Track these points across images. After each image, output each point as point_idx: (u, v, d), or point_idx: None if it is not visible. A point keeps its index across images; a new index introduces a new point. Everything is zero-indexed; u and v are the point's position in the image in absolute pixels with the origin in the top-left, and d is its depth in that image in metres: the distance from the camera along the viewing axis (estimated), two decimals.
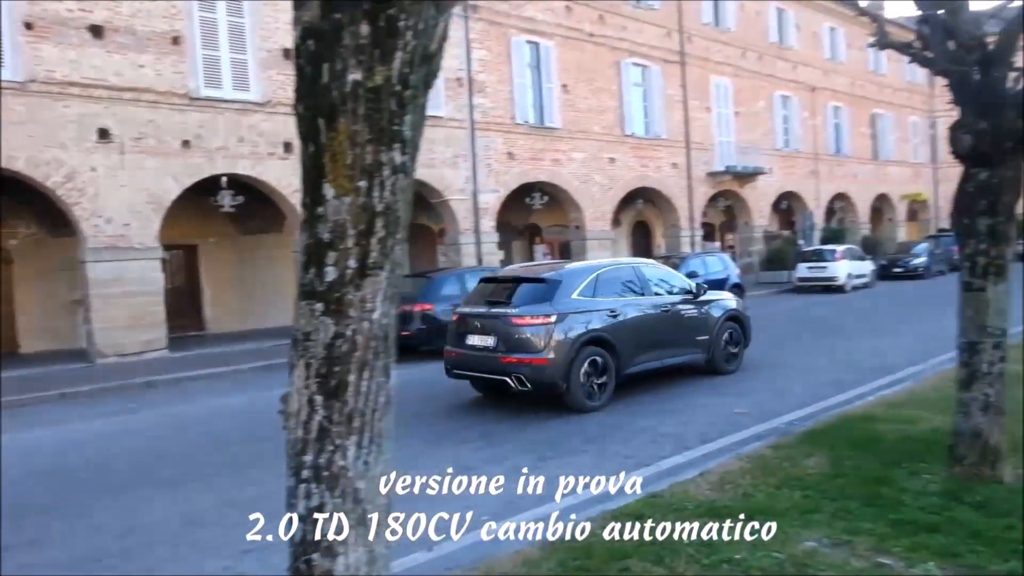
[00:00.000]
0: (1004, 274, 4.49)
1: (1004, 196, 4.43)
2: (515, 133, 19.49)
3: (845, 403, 7.68)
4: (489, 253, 18.90)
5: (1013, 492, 4.43)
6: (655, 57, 23.38)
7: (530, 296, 8.41)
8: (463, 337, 8.64)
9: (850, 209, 32.84)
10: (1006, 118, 4.34)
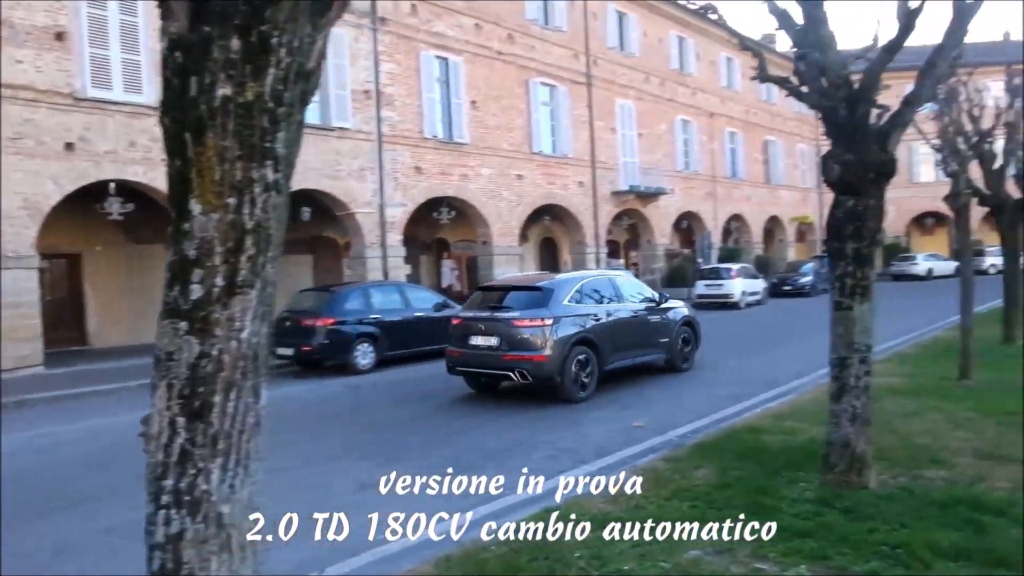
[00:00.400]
0: (869, 294, 4.84)
1: (868, 222, 4.79)
2: (423, 147, 19.45)
3: (736, 415, 8.04)
4: (396, 267, 18.71)
5: (877, 497, 4.76)
6: (563, 78, 23.94)
7: (527, 302, 9.58)
8: (466, 338, 9.70)
9: (745, 230, 34.54)
10: (870, 151, 4.71)
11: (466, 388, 11.25)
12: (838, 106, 4.76)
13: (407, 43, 19.07)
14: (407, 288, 15.37)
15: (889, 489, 4.93)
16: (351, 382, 12.08)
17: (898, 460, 5.50)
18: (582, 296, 9.86)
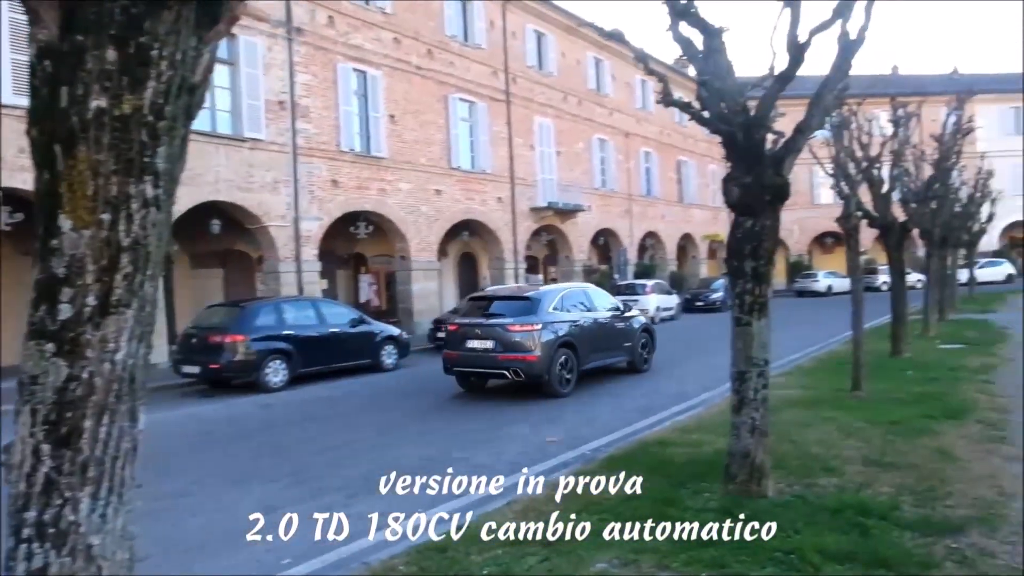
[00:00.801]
0: (766, 311, 5.08)
1: (765, 242, 5.04)
2: (340, 160, 19.15)
3: (646, 428, 8.24)
4: (311, 282, 18.28)
5: (774, 505, 4.97)
6: (482, 94, 24.12)
7: (518, 310, 10.90)
8: (463, 342, 10.92)
9: (660, 246, 35.60)
10: (765, 174, 4.96)
11: (382, 404, 11.12)
12: (736, 131, 5.00)
13: (324, 55, 18.78)
14: (322, 303, 15.05)
15: (785, 497, 5.16)
16: (262, 401, 11.71)
17: (794, 469, 5.76)
18: (563, 305, 11.32)
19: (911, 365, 11.14)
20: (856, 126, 10.89)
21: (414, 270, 21.46)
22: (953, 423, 7.20)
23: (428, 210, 21.88)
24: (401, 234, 21.11)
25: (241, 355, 12.38)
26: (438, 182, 22.26)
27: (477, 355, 10.81)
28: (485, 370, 10.97)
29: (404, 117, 21.13)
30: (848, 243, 9.52)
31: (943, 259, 20.29)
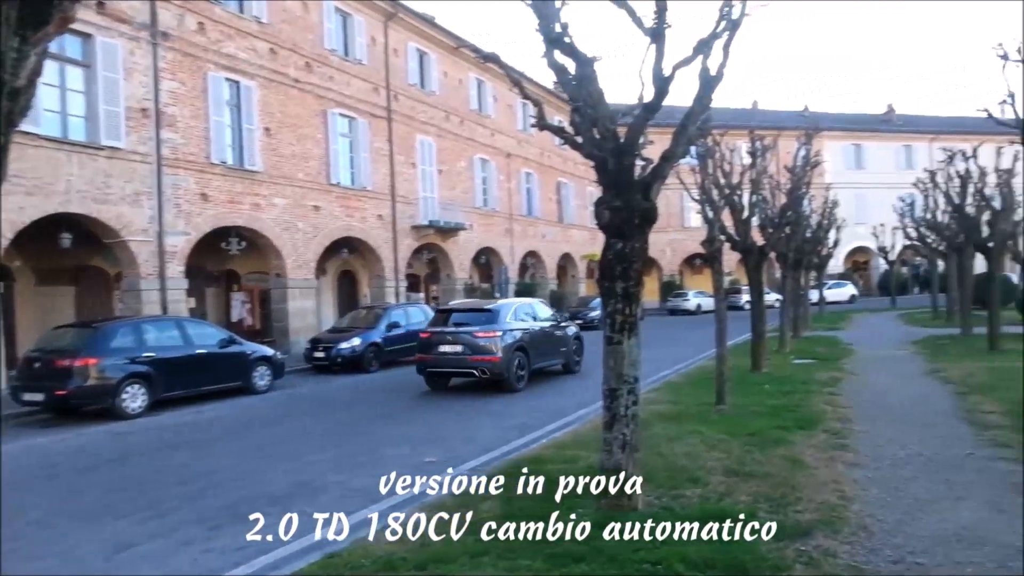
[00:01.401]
0: (636, 330, 5.27)
1: (635, 264, 5.24)
2: (210, 173, 18.23)
3: (524, 446, 8.32)
4: (177, 300, 17.20)
5: (644, 518, 5.14)
6: (362, 110, 23.79)
7: (481, 320, 13.04)
8: (435, 347, 12.97)
9: (540, 265, 36.34)
10: (634, 199, 5.17)
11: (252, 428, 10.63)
12: (608, 157, 5.19)
13: (193, 62, 17.87)
14: (188, 323, 14.19)
15: (654, 509, 5.34)
16: (117, 429, 10.84)
17: (663, 481, 5.99)
18: (516, 316, 13.56)
19: (769, 379, 11.93)
20: (719, 155, 11.62)
21: (290, 288, 20.71)
22: (803, 433, 7.76)
23: (305, 226, 21.23)
24: (277, 251, 20.33)
25: (93, 380, 11.43)
26: (316, 198, 21.67)
27: (449, 358, 12.87)
28: (456, 370, 12.99)
29: (281, 130, 20.45)
30: (712, 265, 10.10)
31: (797, 280, 21.98)
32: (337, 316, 24.02)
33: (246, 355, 14.18)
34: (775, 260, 18.21)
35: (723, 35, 5.19)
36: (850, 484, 5.86)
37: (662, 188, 5.58)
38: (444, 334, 13.01)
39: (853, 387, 11.28)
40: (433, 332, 13.23)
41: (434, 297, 30.94)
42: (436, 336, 13.08)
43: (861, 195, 47.62)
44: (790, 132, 24.47)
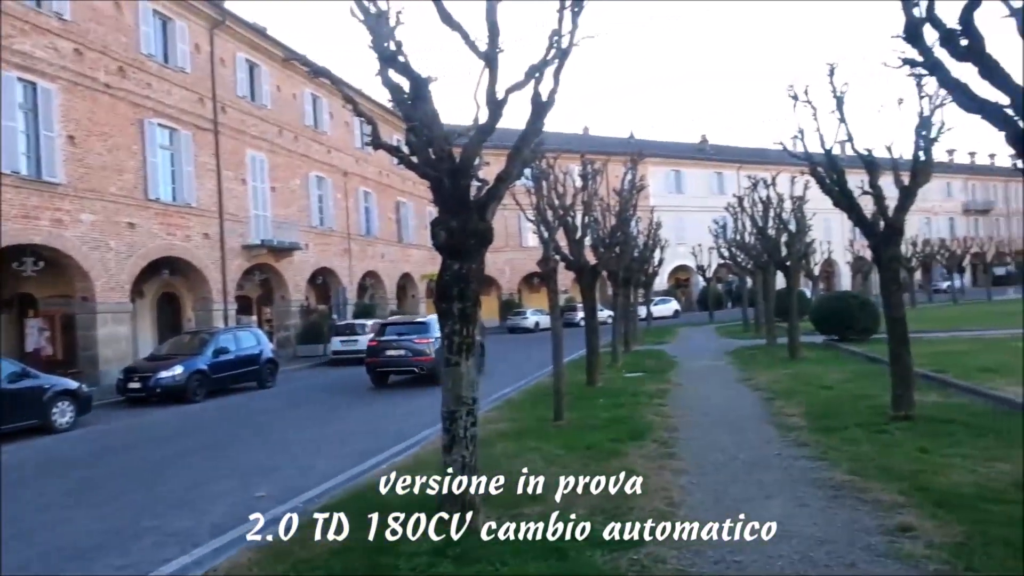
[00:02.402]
0: (473, 350, 5.27)
1: (472, 284, 5.25)
2: None
3: (365, 472, 8.04)
4: None
5: (484, 540, 5.11)
6: (186, 122, 22.24)
7: (417, 330, 17.09)
8: (383, 352, 16.84)
9: (379, 286, 35.72)
10: (471, 219, 5.18)
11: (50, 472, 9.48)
12: (443, 177, 5.17)
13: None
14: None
15: (495, 530, 5.33)
16: None
17: (504, 500, 6.00)
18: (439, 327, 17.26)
19: (603, 393, 12.45)
20: (553, 178, 12.04)
21: (100, 313, 18.74)
22: (635, 444, 8.13)
23: (119, 245, 19.37)
24: (83, 272, 18.35)
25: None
26: (132, 214, 19.86)
27: (394, 359, 16.82)
28: (399, 369, 16.98)
29: (88, 139, 18.57)
30: (548, 284, 10.40)
31: (627, 297, 23.26)
32: (157, 343, 22.09)
33: (43, 389, 12.62)
34: (607, 278, 19.16)
35: (553, 62, 5.37)
36: (677, 490, 6.19)
37: (499, 209, 5.66)
38: (389, 342, 16.93)
39: (678, 397, 12.04)
40: (380, 341, 17.17)
41: (267, 320, 29.40)
42: (382, 343, 17.02)
43: (681, 217, 51.53)
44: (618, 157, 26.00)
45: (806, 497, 5.85)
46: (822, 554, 4.60)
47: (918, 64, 5.10)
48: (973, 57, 4.49)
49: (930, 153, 9.00)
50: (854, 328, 19.43)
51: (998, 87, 4.45)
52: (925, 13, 4.88)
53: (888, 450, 7.12)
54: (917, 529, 4.85)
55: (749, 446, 7.91)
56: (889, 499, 5.55)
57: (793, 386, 12.09)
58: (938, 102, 8.59)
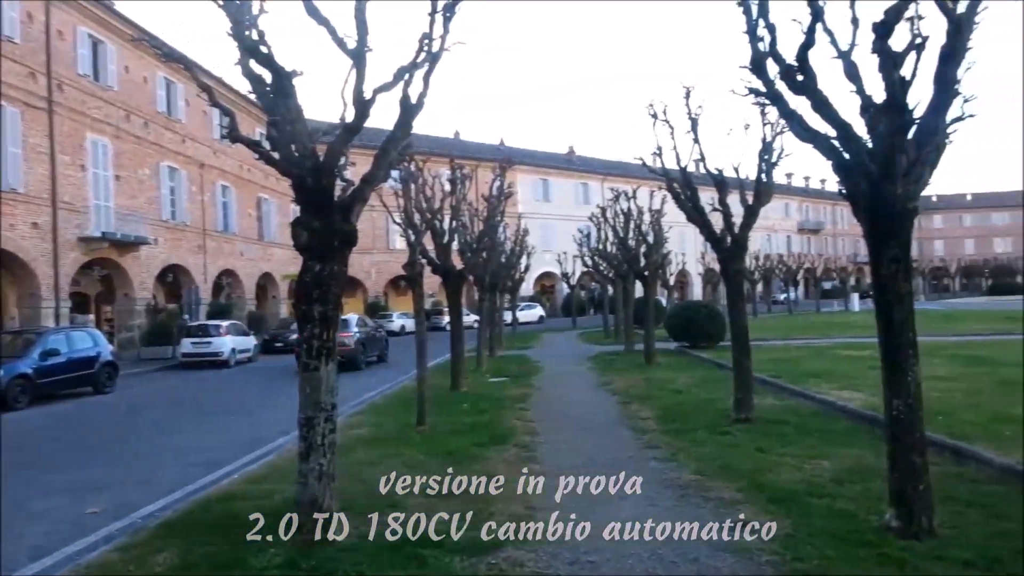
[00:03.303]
0: (334, 355, 5.11)
1: (333, 287, 5.09)
2: None
3: (213, 483, 7.57)
4: None
5: (341, 550, 4.96)
6: (13, 97, 20.06)
7: (343, 326, 15.69)
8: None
9: (237, 285, 33.93)
10: (334, 220, 5.03)
11: None
12: (306, 176, 4.99)
13: None
14: None
15: (353, 539, 5.19)
16: None
17: (363, 509, 5.86)
18: (357, 322, 21.72)
19: (467, 398, 12.50)
20: (422, 181, 11.96)
21: None
22: (497, 448, 8.22)
23: None
24: None
25: None
26: None
27: None
28: None
29: None
30: (414, 287, 10.30)
31: (493, 302, 23.51)
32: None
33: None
34: (473, 283, 19.28)
35: (423, 66, 5.33)
36: (536, 494, 6.31)
37: (367, 210, 5.53)
38: None
39: (540, 401, 12.31)
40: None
41: (108, 319, 27.10)
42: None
43: (548, 225, 52.89)
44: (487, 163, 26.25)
45: (656, 497, 6.15)
46: (669, 551, 4.85)
47: (761, 94, 5.53)
48: (807, 92, 4.93)
49: (771, 176, 9.79)
50: (703, 336, 20.73)
51: (827, 120, 4.91)
52: (768, 48, 5.30)
53: (730, 451, 7.64)
54: (752, 523, 5.23)
55: (606, 449, 8.21)
56: (729, 496, 5.96)
57: (647, 390, 12.70)
58: (779, 130, 9.36)
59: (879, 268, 4.97)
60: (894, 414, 4.92)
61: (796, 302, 56.23)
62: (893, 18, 4.59)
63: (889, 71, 4.64)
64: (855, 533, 4.89)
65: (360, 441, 8.78)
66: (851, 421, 9.07)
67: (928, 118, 4.76)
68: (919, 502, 4.78)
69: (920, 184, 4.95)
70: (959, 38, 4.56)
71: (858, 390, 10.66)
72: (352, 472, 6.83)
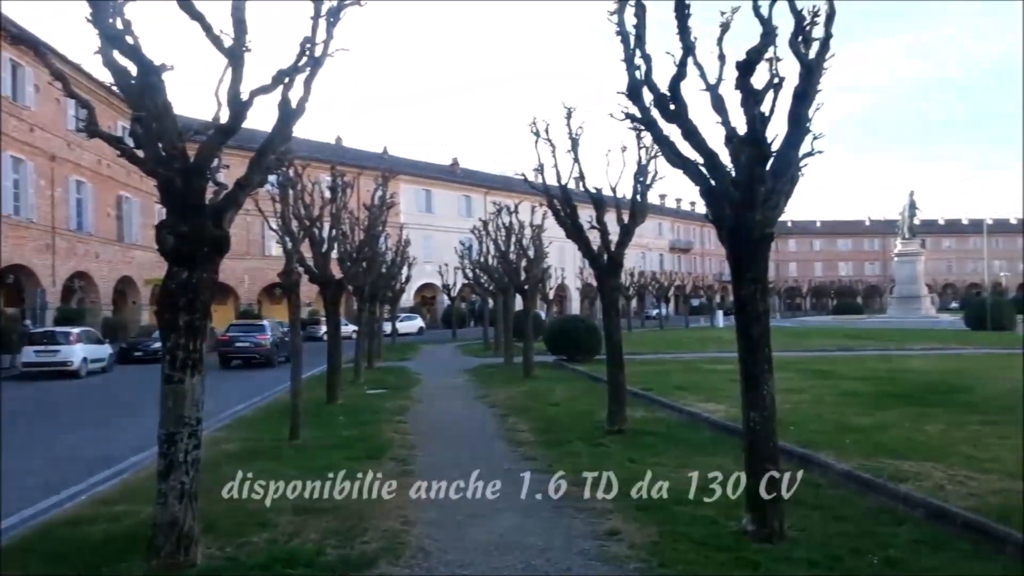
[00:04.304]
0: (200, 367, 4.84)
1: (202, 295, 4.83)
2: None
3: (56, 506, 6.92)
4: None
5: (205, 573, 4.69)
6: None
7: (258, 329, 25.30)
8: (234, 343, 24.37)
9: (92, 289, 31.40)
10: (204, 225, 4.78)
11: None
12: (174, 177, 4.71)
13: None
14: None
15: (217, 562, 4.92)
16: None
17: (228, 529, 5.56)
18: (274, 327, 25.60)
19: (344, 410, 12.18)
20: (301, 187, 11.60)
21: None
22: (373, 462, 8.05)
23: None
24: None
25: None
26: None
27: (243, 348, 24.09)
28: (245, 355, 23.94)
29: None
30: (289, 296, 9.95)
31: (373, 313, 23.10)
32: None
33: None
34: (352, 293, 18.86)
35: (305, 70, 5.19)
36: (412, 509, 6.24)
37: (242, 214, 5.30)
38: (239, 336, 24.50)
39: (419, 414, 12.20)
40: (231, 336, 24.62)
41: None
42: (232, 337, 24.47)
43: (430, 236, 52.73)
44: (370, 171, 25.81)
45: (532, 508, 6.24)
46: (543, 561, 4.93)
47: (637, 120, 5.80)
48: (678, 120, 5.23)
49: (645, 196, 10.27)
50: (581, 349, 21.32)
51: (695, 148, 5.22)
52: (644, 77, 5.58)
53: (603, 461, 7.89)
54: (622, 532, 5.43)
55: (483, 461, 8.24)
56: (601, 507, 6.15)
57: (525, 403, 12.89)
58: (653, 154, 9.85)
59: (740, 288, 5.32)
60: (751, 425, 5.27)
61: (667, 318, 59.07)
62: (754, 58, 4.97)
63: (750, 106, 5.01)
64: (716, 538, 5.19)
65: (227, 457, 8.34)
66: (714, 431, 9.62)
67: (783, 151, 5.17)
68: (772, 507, 5.13)
69: (777, 211, 5.36)
70: (810, 81, 5.00)
71: (721, 402, 11.32)
72: (217, 490, 6.47)
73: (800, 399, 11.58)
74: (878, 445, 7.90)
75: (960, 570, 4.52)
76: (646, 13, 5.96)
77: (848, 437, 8.39)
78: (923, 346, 24.57)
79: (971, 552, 4.83)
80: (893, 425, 9.21)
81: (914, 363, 18.47)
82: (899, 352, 22.42)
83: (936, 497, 5.77)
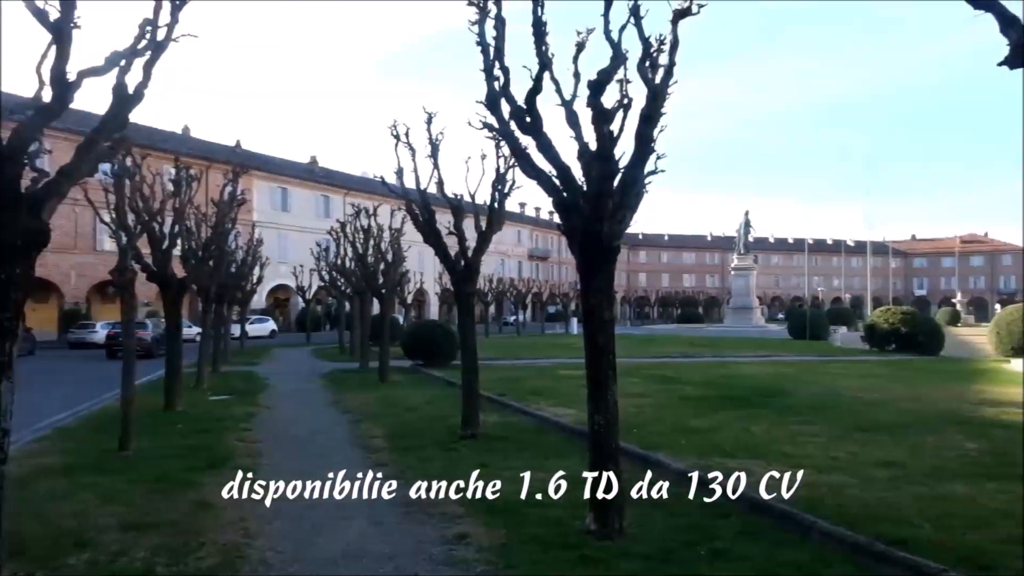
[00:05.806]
0: (9, 371, 4.36)
1: (14, 294, 4.35)
2: None
3: None
4: None
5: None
6: None
7: (141, 326, 25.73)
8: (118, 338, 19.89)
9: None
10: (19, 217, 4.32)
11: None
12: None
13: None
14: None
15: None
16: None
17: (40, 552, 5.06)
18: (155, 325, 26.99)
19: (183, 418, 11.42)
20: (140, 178, 10.77)
21: None
22: (214, 472, 7.62)
23: None
24: None
25: None
26: None
27: None
28: None
29: None
30: (123, 295, 9.21)
31: (219, 314, 21.83)
32: None
33: None
34: (196, 293, 17.74)
35: (145, 54, 4.84)
36: (255, 520, 5.96)
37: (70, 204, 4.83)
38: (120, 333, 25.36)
39: (266, 421, 11.68)
40: (115, 333, 26.66)
41: None
42: (117, 333, 22.48)
43: (284, 236, 50.71)
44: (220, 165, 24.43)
45: (381, 515, 6.17)
46: (390, 569, 4.89)
47: (495, 130, 5.91)
48: (533, 133, 5.40)
49: (503, 205, 10.45)
50: (438, 354, 21.30)
51: (549, 161, 5.41)
52: (502, 88, 5.70)
53: (456, 466, 7.93)
54: (471, 536, 5.49)
55: (333, 469, 8.03)
56: (451, 511, 6.18)
57: (380, 409, 12.70)
58: (511, 163, 10.05)
59: (588, 297, 5.56)
60: (595, 428, 5.52)
61: (524, 324, 60.38)
62: (604, 79, 5.23)
63: (600, 125, 5.26)
64: (561, 537, 5.37)
65: (44, 471, 7.56)
66: (564, 435, 9.96)
67: (630, 169, 5.48)
68: (612, 506, 5.40)
69: (623, 225, 5.66)
70: (655, 104, 5.33)
71: (570, 407, 11.73)
72: (30, 508, 5.86)
73: (644, 403, 12.25)
74: (712, 445, 8.53)
75: (775, 557, 4.97)
76: (505, 26, 6.11)
77: (684, 438, 8.99)
78: (754, 353, 26.80)
79: (784, 540, 5.33)
80: (725, 426, 9.98)
81: (746, 369, 20.11)
82: (733, 359, 24.29)
83: (756, 491, 6.32)
